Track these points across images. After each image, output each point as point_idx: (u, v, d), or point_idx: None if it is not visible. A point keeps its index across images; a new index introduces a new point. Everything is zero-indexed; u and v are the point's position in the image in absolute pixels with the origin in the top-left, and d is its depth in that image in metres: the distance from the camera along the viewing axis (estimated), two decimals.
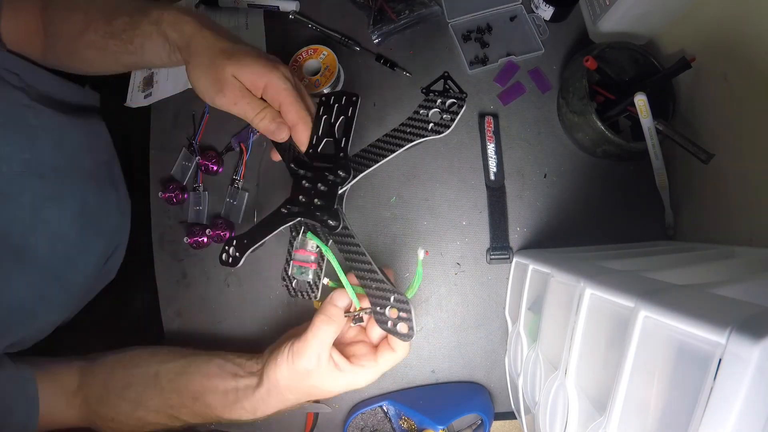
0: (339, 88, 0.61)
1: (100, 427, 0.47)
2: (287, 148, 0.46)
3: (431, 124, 0.43)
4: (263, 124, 0.42)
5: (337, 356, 0.42)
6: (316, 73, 0.58)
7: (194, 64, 0.42)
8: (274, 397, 0.43)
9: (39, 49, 0.51)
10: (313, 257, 0.47)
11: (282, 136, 0.43)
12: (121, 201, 0.61)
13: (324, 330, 0.41)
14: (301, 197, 0.44)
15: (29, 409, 0.44)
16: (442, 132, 0.42)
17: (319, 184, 0.43)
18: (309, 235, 0.46)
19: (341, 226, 0.42)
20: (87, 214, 0.53)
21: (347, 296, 0.43)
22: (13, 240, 0.44)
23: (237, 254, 0.45)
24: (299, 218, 0.43)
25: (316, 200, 0.43)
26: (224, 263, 0.45)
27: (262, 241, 0.45)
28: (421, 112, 0.44)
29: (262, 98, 0.44)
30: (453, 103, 0.43)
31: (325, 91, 0.59)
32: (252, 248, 0.45)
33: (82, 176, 0.54)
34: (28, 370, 0.45)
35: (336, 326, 0.41)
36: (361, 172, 0.44)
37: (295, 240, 0.47)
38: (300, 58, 0.59)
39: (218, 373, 0.45)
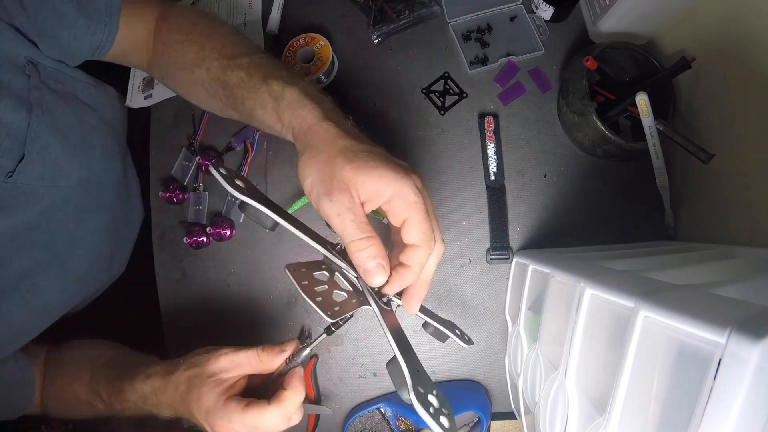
0: (332, 77, 0.61)
1: (47, 409, 0.51)
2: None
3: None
4: (361, 255, 0.33)
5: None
6: (308, 60, 0.58)
7: (308, 157, 0.35)
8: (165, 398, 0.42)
9: (144, 62, 0.50)
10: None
11: (376, 281, 0.34)
12: (134, 210, 0.62)
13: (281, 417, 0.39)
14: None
15: (26, 400, 0.49)
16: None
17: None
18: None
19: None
20: (112, 225, 0.55)
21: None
22: (59, 248, 0.47)
23: (242, 186, 0.36)
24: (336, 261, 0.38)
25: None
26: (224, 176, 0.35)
27: (273, 213, 0.36)
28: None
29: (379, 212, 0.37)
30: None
31: (323, 78, 0.59)
32: (258, 203, 0.35)
33: (114, 188, 0.55)
34: (27, 360, 0.49)
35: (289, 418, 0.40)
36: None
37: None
38: (296, 44, 0.59)
39: (137, 363, 0.47)
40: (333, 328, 0.40)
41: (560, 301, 0.37)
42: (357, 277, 0.37)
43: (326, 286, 0.37)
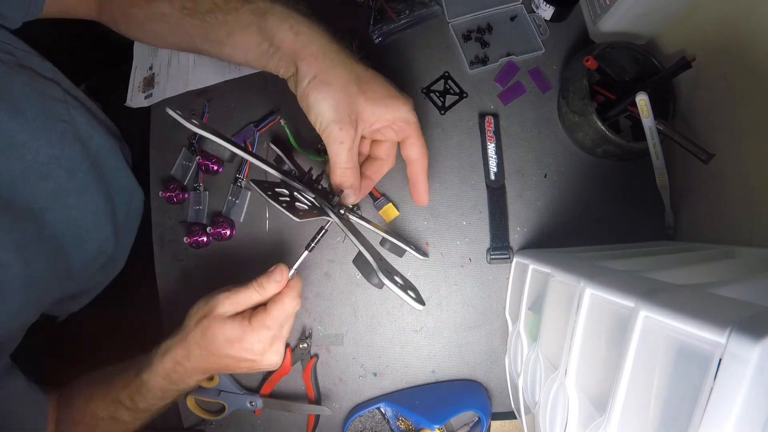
0: None
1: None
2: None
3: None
4: (343, 178, 0.39)
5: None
6: None
7: (320, 81, 0.36)
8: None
9: (94, 10, 0.46)
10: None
11: (349, 201, 0.40)
12: (136, 203, 0.61)
13: (291, 311, 0.41)
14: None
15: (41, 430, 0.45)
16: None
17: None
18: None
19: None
20: (111, 211, 0.54)
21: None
22: (36, 213, 0.44)
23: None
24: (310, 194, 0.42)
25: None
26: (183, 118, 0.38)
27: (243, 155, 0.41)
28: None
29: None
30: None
31: None
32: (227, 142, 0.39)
33: (111, 175, 0.54)
34: (41, 393, 0.46)
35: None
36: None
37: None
38: None
39: (141, 360, 0.46)
40: (313, 244, 0.42)
41: (560, 301, 0.37)
42: (314, 197, 0.42)
43: (288, 199, 0.42)
